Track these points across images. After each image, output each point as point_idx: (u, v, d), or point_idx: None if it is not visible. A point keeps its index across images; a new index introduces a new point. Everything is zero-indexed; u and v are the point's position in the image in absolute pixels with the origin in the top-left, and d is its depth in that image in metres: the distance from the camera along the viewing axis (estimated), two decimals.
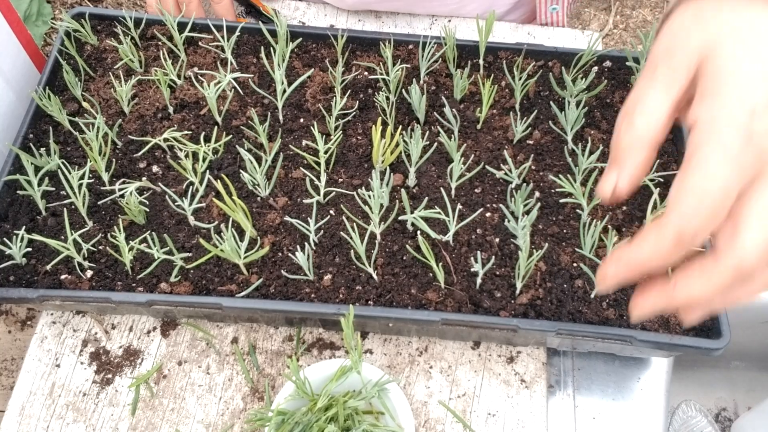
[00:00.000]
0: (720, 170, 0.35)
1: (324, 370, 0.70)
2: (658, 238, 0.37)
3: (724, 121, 0.35)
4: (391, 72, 0.86)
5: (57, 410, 0.74)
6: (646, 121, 0.38)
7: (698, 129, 0.36)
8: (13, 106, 0.90)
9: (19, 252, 0.72)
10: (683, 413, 1.02)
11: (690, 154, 0.36)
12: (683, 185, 0.36)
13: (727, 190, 0.35)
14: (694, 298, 0.38)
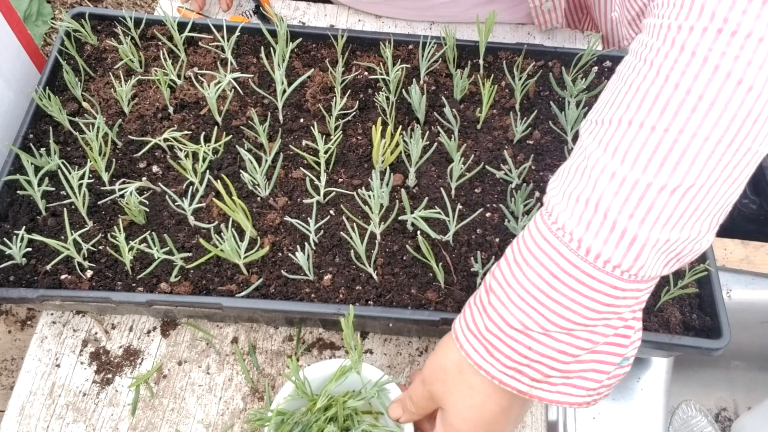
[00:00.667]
0: None
1: (324, 369, 0.69)
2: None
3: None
4: (391, 72, 0.86)
5: (57, 410, 0.74)
6: (409, 418, 0.66)
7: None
8: (13, 106, 0.90)
9: (19, 252, 0.72)
10: (683, 413, 1.02)
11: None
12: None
13: None
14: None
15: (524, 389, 0.54)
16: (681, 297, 0.73)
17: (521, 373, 0.53)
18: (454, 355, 0.58)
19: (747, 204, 1.17)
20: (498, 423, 0.58)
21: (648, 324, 0.71)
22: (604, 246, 0.49)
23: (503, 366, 0.54)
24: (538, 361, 0.53)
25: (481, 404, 0.57)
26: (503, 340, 0.53)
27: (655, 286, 0.73)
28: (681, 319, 0.72)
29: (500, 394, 0.56)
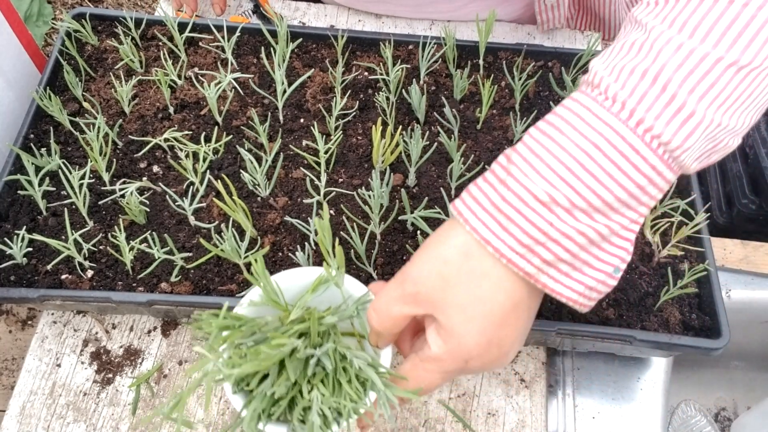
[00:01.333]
0: (438, 382, 0.53)
1: (298, 278, 0.59)
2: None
3: (450, 361, 0.51)
4: (391, 72, 0.86)
5: (57, 410, 0.74)
6: (391, 326, 0.53)
7: (431, 353, 0.51)
8: (13, 106, 0.90)
9: (19, 252, 0.72)
10: (683, 413, 1.03)
11: (425, 359, 0.52)
12: (412, 375, 0.53)
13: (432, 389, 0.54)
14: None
15: (532, 271, 0.49)
16: (680, 297, 0.73)
17: (534, 252, 0.48)
18: (458, 239, 0.51)
19: (746, 204, 1.17)
20: (507, 325, 0.51)
21: (647, 324, 0.71)
22: (656, 120, 0.46)
23: (518, 243, 0.48)
24: (555, 240, 0.48)
25: (491, 296, 0.50)
26: (524, 213, 0.48)
27: (654, 286, 0.74)
28: (680, 319, 0.72)
29: (511, 283, 0.50)
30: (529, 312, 0.53)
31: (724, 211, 1.25)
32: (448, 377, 0.53)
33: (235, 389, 0.54)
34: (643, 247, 0.77)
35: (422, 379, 0.52)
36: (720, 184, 1.27)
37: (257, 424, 0.52)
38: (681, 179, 0.81)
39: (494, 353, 0.51)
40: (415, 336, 0.58)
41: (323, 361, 0.52)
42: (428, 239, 0.53)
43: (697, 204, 0.78)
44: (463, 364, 0.51)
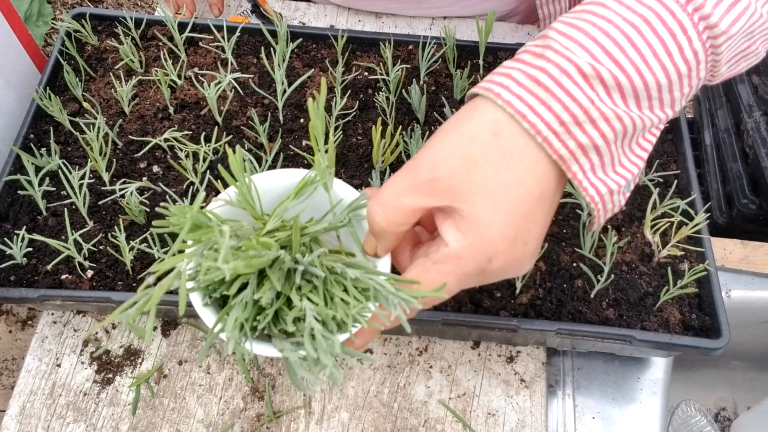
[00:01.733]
0: (453, 288, 0.46)
1: (279, 180, 0.52)
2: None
3: (470, 259, 0.45)
4: (391, 72, 0.86)
5: (57, 410, 0.74)
6: (398, 223, 0.47)
7: (449, 251, 0.45)
8: (13, 106, 0.90)
9: (19, 252, 0.72)
10: (683, 413, 1.03)
11: (440, 259, 0.46)
12: (422, 281, 0.46)
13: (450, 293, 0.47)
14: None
15: (566, 155, 0.45)
16: (680, 297, 0.74)
17: (570, 134, 0.44)
18: (487, 116, 0.46)
19: (746, 204, 1.17)
20: (534, 218, 0.46)
21: (647, 324, 0.71)
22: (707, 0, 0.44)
23: (556, 119, 0.44)
24: (593, 121, 0.44)
25: (520, 180, 0.45)
26: (565, 86, 0.44)
27: (654, 286, 0.74)
28: (680, 319, 0.72)
29: (543, 167, 0.45)
30: (551, 209, 0.48)
31: (724, 211, 1.25)
32: (464, 282, 0.47)
33: (206, 302, 0.47)
34: (643, 247, 0.77)
35: (435, 285, 0.46)
36: (720, 184, 1.27)
37: (240, 340, 0.44)
38: (681, 179, 0.82)
39: (519, 250, 0.46)
40: (416, 247, 0.53)
41: (311, 270, 0.45)
42: (445, 124, 0.48)
43: (697, 204, 0.78)
44: (485, 262, 0.45)
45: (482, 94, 0.46)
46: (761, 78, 1.17)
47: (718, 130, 1.30)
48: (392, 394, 0.77)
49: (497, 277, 0.47)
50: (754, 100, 1.18)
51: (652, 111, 0.47)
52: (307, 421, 0.75)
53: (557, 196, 0.48)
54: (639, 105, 0.46)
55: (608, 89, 0.45)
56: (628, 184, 0.49)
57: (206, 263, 0.42)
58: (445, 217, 0.47)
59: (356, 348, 0.48)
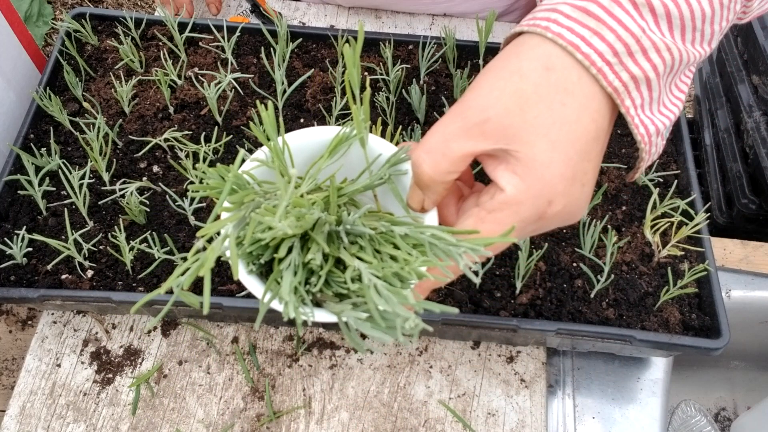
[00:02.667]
0: (512, 234, 0.43)
1: (312, 138, 0.48)
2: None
3: (529, 204, 0.43)
4: (391, 72, 0.86)
5: (57, 410, 0.74)
6: (447, 172, 0.44)
7: (505, 196, 0.43)
8: (13, 106, 0.90)
9: (19, 252, 0.72)
10: (683, 413, 1.03)
11: (496, 207, 0.43)
12: (477, 226, 0.44)
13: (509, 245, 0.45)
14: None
15: (620, 88, 0.43)
16: (680, 297, 0.74)
17: (623, 65, 0.43)
18: (537, 51, 0.43)
19: (746, 204, 1.17)
20: (590, 158, 0.44)
21: (647, 324, 0.71)
22: None
23: (609, 49, 0.42)
24: (645, 51, 0.43)
25: (577, 117, 0.43)
26: (616, 14, 0.42)
27: (654, 286, 0.74)
28: (680, 319, 0.72)
29: (597, 103, 0.43)
30: (603, 150, 0.46)
31: (724, 211, 1.25)
32: (523, 230, 0.44)
33: (249, 269, 0.45)
34: (643, 247, 0.77)
35: (493, 235, 0.43)
36: (720, 184, 1.27)
37: (297, 304, 0.41)
38: (681, 179, 0.82)
39: (577, 192, 0.44)
40: (461, 200, 0.50)
41: (356, 231, 0.43)
42: (490, 63, 0.45)
43: (697, 204, 0.78)
44: (544, 206, 0.43)
45: (528, 30, 0.44)
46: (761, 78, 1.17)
47: (718, 130, 1.30)
48: (392, 394, 0.77)
49: (554, 223, 0.45)
50: (754, 100, 1.18)
51: (693, 45, 0.46)
52: (307, 421, 0.75)
53: (607, 137, 0.46)
54: (683, 36, 0.45)
55: (657, 18, 0.43)
56: (668, 128, 0.48)
57: (254, 223, 0.40)
58: (497, 162, 0.44)
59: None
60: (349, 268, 0.41)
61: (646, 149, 0.46)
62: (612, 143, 0.85)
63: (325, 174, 0.47)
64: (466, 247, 0.41)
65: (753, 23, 1.16)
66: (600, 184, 0.81)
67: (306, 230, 0.42)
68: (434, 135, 0.44)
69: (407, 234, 0.42)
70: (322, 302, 0.44)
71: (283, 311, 0.40)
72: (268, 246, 0.42)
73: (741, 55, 1.25)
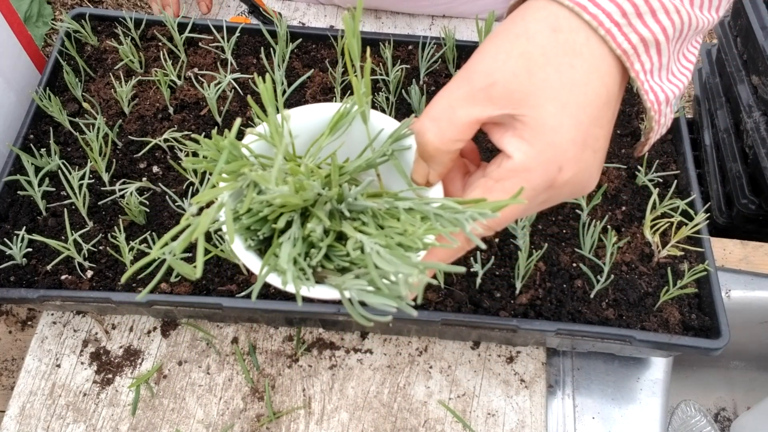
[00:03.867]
0: (521, 210, 0.43)
1: (313, 116, 0.47)
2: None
3: (539, 170, 0.41)
4: (390, 72, 0.86)
5: (57, 410, 0.74)
6: (454, 140, 0.43)
7: (513, 164, 0.41)
8: (13, 107, 0.90)
9: (19, 252, 0.72)
10: (682, 413, 1.03)
11: (504, 175, 0.42)
12: (485, 196, 0.42)
13: (521, 213, 0.44)
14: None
15: (629, 50, 0.41)
16: (680, 297, 0.74)
17: (632, 26, 0.41)
18: (543, 12, 0.42)
19: (746, 204, 1.17)
20: (601, 124, 0.42)
21: (647, 324, 0.71)
22: None
23: (617, 10, 0.41)
24: (654, 12, 0.41)
25: (586, 79, 0.41)
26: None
27: (654, 287, 0.74)
28: (680, 319, 0.72)
29: (607, 65, 0.42)
30: (614, 117, 0.44)
31: (723, 211, 1.25)
32: (533, 199, 0.43)
33: (247, 245, 0.43)
34: (642, 247, 0.77)
35: (508, 196, 0.42)
36: (719, 185, 1.27)
37: (297, 274, 0.40)
38: (681, 179, 0.82)
39: (588, 158, 0.42)
40: (467, 176, 0.49)
41: (359, 206, 0.41)
42: (497, 28, 0.44)
43: (696, 204, 0.78)
44: (554, 172, 0.41)
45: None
46: (761, 78, 1.17)
47: (718, 131, 1.30)
48: (392, 395, 0.77)
49: (565, 193, 0.43)
50: (754, 100, 1.18)
51: (702, 10, 0.45)
52: (307, 421, 0.75)
53: (618, 104, 0.45)
54: (692, 1, 0.44)
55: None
56: (677, 97, 0.47)
57: (251, 192, 0.38)
58: (503, 130, 0.42)
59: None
60: (350, 239, 0.40)
61: (656, 118, 0.45)
62: (612, 144, 0.85)
63: (327, 152, 0.46)
64: (472, 212, 0.39)
65: (752, 23, 1.16)
66: (600, 184, 0.81)
67: (307, 206, 0.41)
68: (439, 102, 0.43)
69: (412, 208, 0.41)
70: (323, 279, 0.42)
71: (281, 282, 0.38)
72: (266, 220, 0.41)
73: (740, 55, 1.25)
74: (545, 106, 0.41)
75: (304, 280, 0.40)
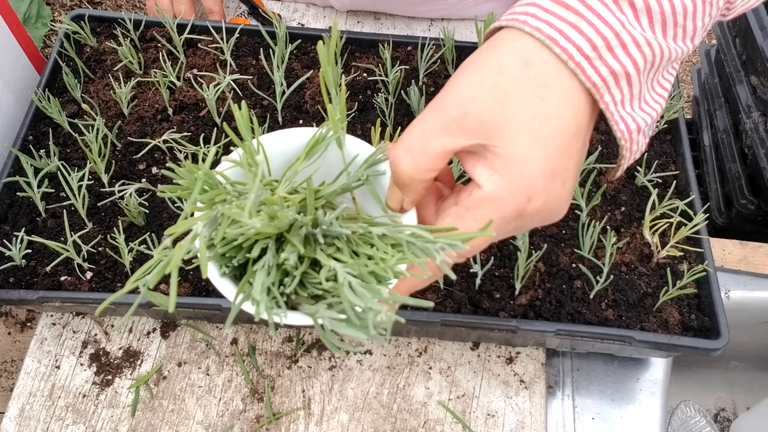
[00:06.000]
0: (493, 236, 0.44)
1: (288, 141, 0.48)
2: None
3: (508, 200, 0.43)
4: (390, 73, 0.86)
5: (57, 412, 0.74)
6: (427, 169, 0.44)
7: (484, 193, 0.43)
8: (12, 108, 0.90)
9: (18, 253, 0.72)
10: (682, 413, 1.03)
11: (474, 204, 0.43)
12: (456, 224, 0.43)
13: (489, 242, 0.45)
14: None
15: (599, 83, 0.43)
16: (679, 297, 0.74)
17: (602, 59, 0.42)
18: (515, 44, 0.43)
19: (745, 204, 1.17)
20: (570, 155, 0.44)
21: (647, 324, 0.71)
22: None
23: (588, 43, 0.42)
24: (625, 46, 0.43)
25: (556, 112, 0.42)
26: (594, 8, 0.42)
27: (653, 287, 0.74)
28: (680, 320, 0.72)
29: (577, 98, 0.43)
30: (584, 147, 0.46)
31: (723, 211, 1.25)
32: (502, 228, 0.44)
33: (222, 272, 0.44)
34: (642, 247, 0.77)
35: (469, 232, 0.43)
36: (719, 185, 1.27)
37: (270, 305, 0.41)
38: (680, 180, 0.82)
39: (557, 189, 0.43)
40: (440, 201, 0.50)
41: (333, 232, 0.42)
42: (469, 58, 0.45)
43: (695, 204, 0.78)
44: (524, 202, 0.43)
45: (507, 25, 0.44)
46: (759, 79, 1.17)
47: (717, 131, 1.30)
48: (392, 396, 0.76)
49: (535, 221, 0.45)
50: (753, 100, 1.18)
51: (675, 41, 0.46)
52: (307, 422, 0.75)
53: (589, 134, 0.46)
54: (665, 32, 0.45)
55: (637, 13, 0.43)
56: (650, 126, 0.48)
57: (225, 222, 0.39)
58: (476, 159, 0.44)
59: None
60: (324, 267, 0.40)
61: (627, 146, 0.46)
62: (611, 144, 0.85)
63: (303, 177, 0.47)
64: (443, 243, 0.40)
65: (751, 24, 1.16)
66: (599, 185, 0.81)
67: (282, 232, 0.41)
68: (413, 132, 0.44)
69: (385, 234, 0.42)
70: (297, 305, 0.43)
71: (255, 312, 0.39)
72: (241, 247, 0.42)
73: (739, 55, 1.25)
74: (516, 137, 0.42)
75: (276, 309, 0.41)
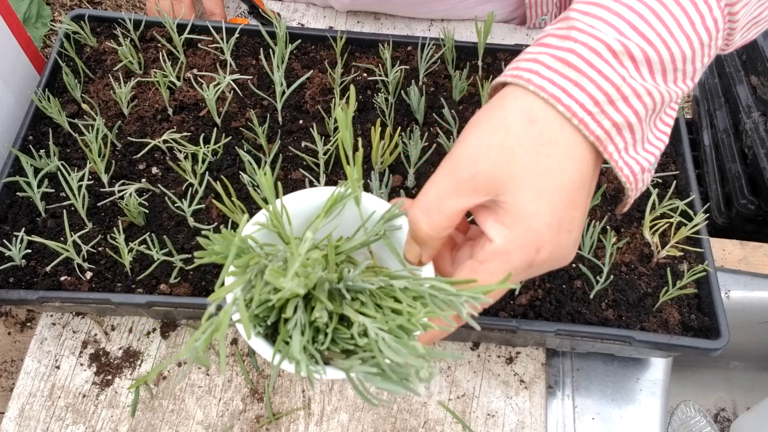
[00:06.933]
0: (511, 287, 0.47)
1: (308, 200, 0.50)
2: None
3: (518, 253, 0.45)
4: (390, 73, 0.86)
5: (57, 412, 0.74)
6: (443, 228, 0.47)
7: (495, 247, 0.45)
8: (12, 108, 0.90)
9: (18, 253, 0.72)
10: (682, 413, 1.03)
11: (487, 258, 0.46)
12: (471, 277, 0.46)
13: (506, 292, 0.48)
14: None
15: (602, 136, 0.45)
16: (680, 297, 0.74)
17: (605, 113, 0.44)
18: (518, 103, 0.45)
19: (745, 204, 1.17)
20: (576, 205, 0.46)
21: (647, 324, 0.71)
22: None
23: (590, 100, 0.44)
24: (626, 98, 0.44)
25: (561, 167, 0.45)
26: (596, 65, 0.44)
27: (653, 287, 0.74)
28: (680, 320, 0.72)
29: (581, 152, 0.45)
30: (590, 195, 0.48)
31: (723, 211, 1.25)
32: (515, 278, 0.47)
33: (256, 331, 0.46)
34: (642, 247, 0.77)
35: (486, 284, 0.46)
36: (719, 185, 1.27)
37: (309, 364, 0.43)
38: (680, 180, 0.82)
39: (564, 239, 0.46)
40: (453, 250, 0.53)
41: (357, 287, 0.44)
42: (476, 116, 0.48)
43: (696, 204, 0.78)
44: (533, 254, 0.45)
45: (511, 81, 0.46)
46: (760, 79, 1.17)
47: (717, 131, 1.30)
48: (391, 395, 0.76)
49: (544, 268, 0.47)
50: (753, 100, 1.18)
51: (675, 84, 0.47)
52: (307, 422, 0.75)
53: (594, 181, 0.48)
54: (665, 78, 0.46)
55: (637, 65, 0.45)
56: (653, 164, 0.50)
57: (260, 285, 0.42)
58: (487, 213, 0.47)
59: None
60: (354, 323, 0.43)
61: (632, 188, 0.48)
62: None
63: (322, 233, 0.50)
64: (467, 296, 0.43)
65: None
66: (599, 185, 0.81)
67: (309, 289, 0.43)
68: (428, 193, 0.47)
69: (407, 287, 0.44)
70: (329, 360, 0.46)
71: (295, 370, 0.42)
72: (273, 307, 0.44)
73: (739, 55, 1.25)
74: (523, 193, 0.44)
75: (315, 366, 0.44)
